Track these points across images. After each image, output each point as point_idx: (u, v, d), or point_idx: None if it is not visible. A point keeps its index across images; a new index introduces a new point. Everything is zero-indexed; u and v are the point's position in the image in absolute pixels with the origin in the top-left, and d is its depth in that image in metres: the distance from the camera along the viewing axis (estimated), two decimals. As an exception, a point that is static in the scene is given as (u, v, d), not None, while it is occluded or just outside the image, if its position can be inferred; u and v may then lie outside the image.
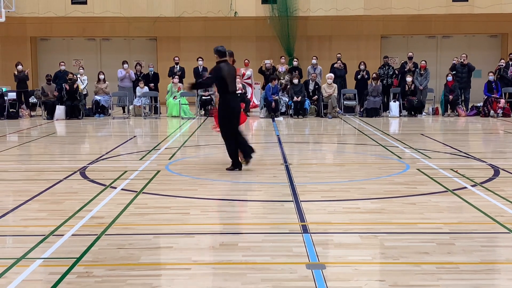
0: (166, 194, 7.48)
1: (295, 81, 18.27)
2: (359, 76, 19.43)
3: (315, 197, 7.29)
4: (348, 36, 23.75)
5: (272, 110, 17.99)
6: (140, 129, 16.21)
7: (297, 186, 7.85)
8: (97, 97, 18.89)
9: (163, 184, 8.12)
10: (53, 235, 5.61)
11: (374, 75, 18.65)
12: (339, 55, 20.32)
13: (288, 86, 18.55)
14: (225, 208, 6.94)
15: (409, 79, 18.44)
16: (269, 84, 18.31)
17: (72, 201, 7.01)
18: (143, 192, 7.53)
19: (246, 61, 20.19)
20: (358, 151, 11.66)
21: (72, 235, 5.64)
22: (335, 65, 19.80)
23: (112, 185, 7.98)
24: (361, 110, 18.64)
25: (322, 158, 11.09)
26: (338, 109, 18.46)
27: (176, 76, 19.20)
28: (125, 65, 19.63)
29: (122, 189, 7.71)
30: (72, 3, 22.52)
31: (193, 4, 22.62)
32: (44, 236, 5.56)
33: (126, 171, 8.99)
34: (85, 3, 22.57)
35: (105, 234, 5.64)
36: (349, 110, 19.04)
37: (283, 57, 20.65)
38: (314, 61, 19.71)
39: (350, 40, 23.71)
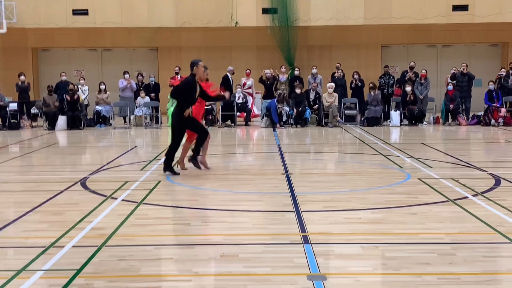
0: (167, 204, 7.47)
1: (298, 90, 18.31)
2: (353, 85, 19.48)
3: (316, 207, 7.28)
4: (349, 45, 23.79)
5: (272, 122, 17.96)
6: (141, 139, 16.23)
7: (298, 196, 7.84)
8: (98, 107, 18.93)
9: (164, 195, 8.11)
10: (54, 247, 5.60)
11: (371, 84, 18.68)
12: (338, 64, 20.36)
13: (286, 96, 18.54)
14: (225, 218, 6.92)
15: (408, 88, 18.48)
16: (274, 100, 18.26)
17: (73, 212, 7.00)
18: (143, 203, 7.52)
19: (248, 71, 20.20)
20: (359, 161, 11.65)
21: (73, 246, 5.63)
22: (335, 75, 19.85)
23: (113, 195, 7.97)
24: (362, 119, 18.66)
25: (323, 167, 11.09)
26: (339, 118, 18.47)
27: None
28: (126, 75, 19.67)
29: (122, 200, 7.70)
30: (73, 14, 22.57)
31: (193, 14, 22.68)
32: (44, 248, 5.55)
33: (127, 182, 8.98)
34: (86, 13, 22.62)
35: (106, 246, 5.63)
36: (350, 119, 19.05)
37: (283, 67, 20.70)
38: (314, 70, 19.75)
39: (351, 49, 23.75)
